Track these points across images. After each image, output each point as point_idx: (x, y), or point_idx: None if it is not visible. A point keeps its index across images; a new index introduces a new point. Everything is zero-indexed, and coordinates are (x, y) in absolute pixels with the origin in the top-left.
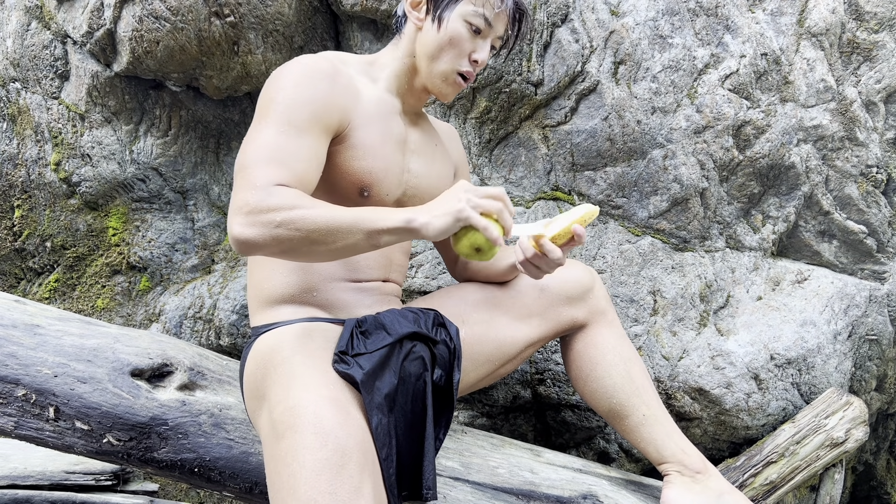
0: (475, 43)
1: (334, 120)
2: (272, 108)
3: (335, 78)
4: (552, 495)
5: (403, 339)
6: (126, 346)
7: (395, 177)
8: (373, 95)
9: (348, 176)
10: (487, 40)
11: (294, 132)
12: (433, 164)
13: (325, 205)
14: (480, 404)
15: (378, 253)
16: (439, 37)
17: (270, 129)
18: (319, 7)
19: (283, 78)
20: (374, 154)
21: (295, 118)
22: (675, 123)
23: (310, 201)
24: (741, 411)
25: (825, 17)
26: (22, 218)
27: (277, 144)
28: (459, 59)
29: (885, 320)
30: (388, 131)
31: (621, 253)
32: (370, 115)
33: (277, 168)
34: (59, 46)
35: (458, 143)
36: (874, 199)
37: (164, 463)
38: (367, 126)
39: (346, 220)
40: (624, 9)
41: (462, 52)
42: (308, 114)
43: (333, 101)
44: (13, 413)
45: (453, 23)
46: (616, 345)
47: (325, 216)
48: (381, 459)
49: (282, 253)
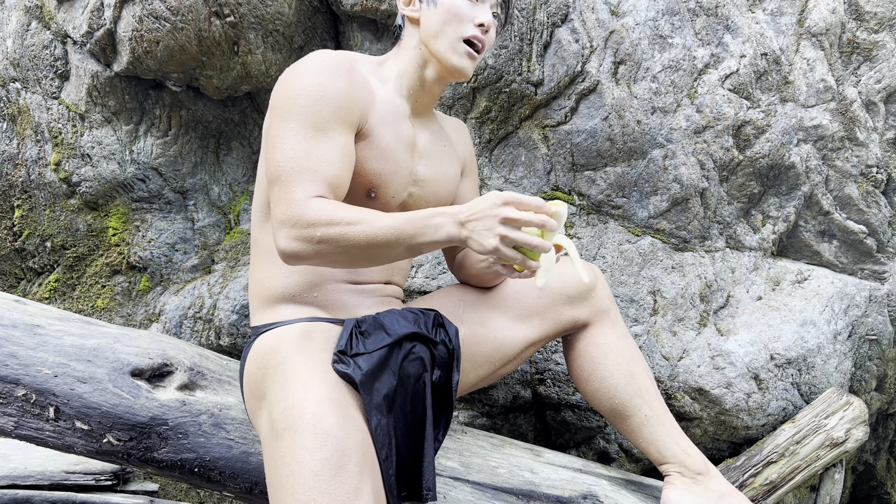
0: (475, 8)
1: (355, 116)
2: (295, 109)
3: (352, 75)
4: (552, 495)
5: (403, 340)
6: (126, 346)
7: (402, 180)
8: (385, 97)
9: (358, 177)
10: (486, 4)
11: (321, 135)
12: (440, 167)
13: (364, 218)
14: (480, 404)
15: None
16: (438, 13)
17: (297, 133)
18: (319, 7)
19: (303, 76)
20: (384, 157)
21: (320, 120)
22: (675, 123)
23: (348, 215)
24: (741, 411)
25: (825, 17)
26: (22, 218)
27: (306, 150)
28: (463, 26)
29: (885, 320)
30: (399, 134)
31: (621, 253)
32: (384, 116)
33: (311, 177)
34: (59, 46)
35: (466, 137)
36: (874, 199)
37: (164, 463)
38: (381, 127)
39: (385, 236)
40: (624, 9)
41: (464, 19)
42: (331, 112)
43: (353, 97)
44: (13, 413)
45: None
46: (619, 344)
47: (364, 233)
48: (381, 460)
49: (328, 264)
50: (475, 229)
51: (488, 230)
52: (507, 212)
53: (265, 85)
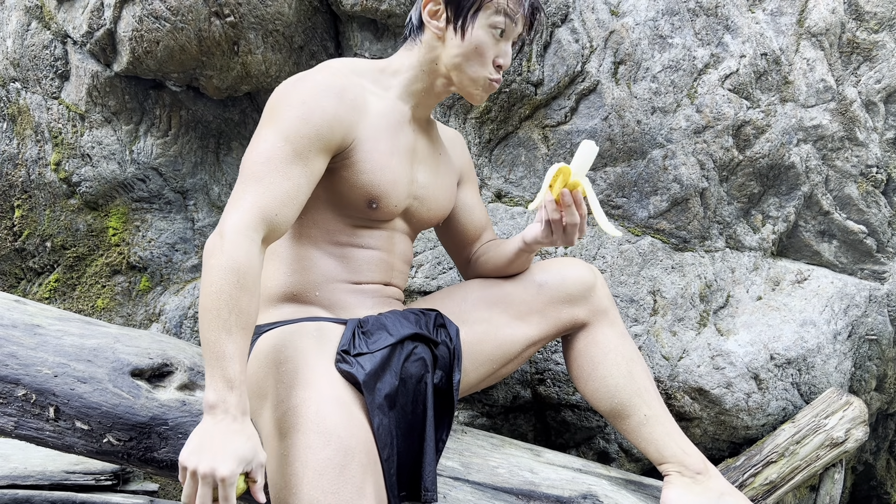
0: (499, 48)
1: (336, 138)
2: (276, 121)
3: (342, 95)
4: (552, 495)
5: (405, 340)
6: (126, 346)
7: (403, 188)
8: (383, 106)
9: (356, 189)
10: (510, 42)
11: (292, 149)
12: (438, 173)
13: (240, 311)
14: (480, 404)
15: (379, 258)
16: (464, 46)
17: (271, 140)
18: (319, 7)
19: (292, 94)
20: (382, 168)
21: (295, 136)
22: (675, 123)
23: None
24: (741, 411)
25: (825, 17)
26: (22, 218)
27: (273, 159)
28: (485, 67)
29: (885, 320)
30: (397, 143)
31: (621, 253)
32: (378, 128)
33: (264, 188)
34: (59, 46)
35: (463, 149)
36: (874, 199)
37: (165, 463)
38: (375, 139)
39: (211, 337)
40: (624, 9)
41: (487, 59)
42: (309, 133)
43: (337, 118)
44: (13, 413)
45: (477, 31)
46: (618, 344)
47: (213, 305)
48: (383, 460)
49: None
50: (221, 434)
51: (216, 452)
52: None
53: (265, 85)
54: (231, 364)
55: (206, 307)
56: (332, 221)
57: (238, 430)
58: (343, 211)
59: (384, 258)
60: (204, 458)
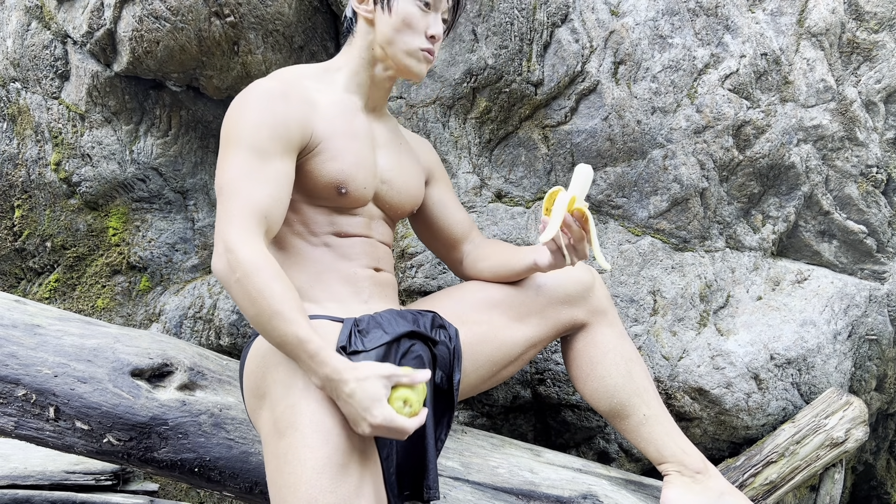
0: (427, 19)
1: (295, 136)
2: (235, 136)
3: (288, 96)
4: (552, 495)
5: (401, 338)
6: (126, 346)
7: (367, 170)
8: (331, 99)
9: (323, 178)
10: (438, 14)
11: (259, 156)
12: (401, 159)
13: (284, 299)
14: (480, 404)
15: (361, 243)
16: (392, 21)
17: (238, 156)
18: (319, 7)
19: (242, 107)
20: (342, 152)
21: (258, 143)
22: (675, 123)
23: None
24: (741, 411)
25: (825, 17)
26: (22, 218)
27: (245, 171)
28: (417, 38)
29: (885, 320)
30: (352, 129)
31: (621, 253)
32: (331, 118)
33: (246, 197)
34: (59, 46)
35: (430, 152)
36: (874, 199)
37: (164, 463)
38: (331, 129)
39: (280, 335)
40: (624, 9)
41: (417, 29)
42: (269, 137)
43: (290, 117)
44: (13, 413)
45: (403, 3)
46: (617, 344)
47: (262, 309)
48: (382, 459)
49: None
50: (359, 393)
51: (363, 412)
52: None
53: None
54: (308, 345)
55: (258, 315)
56: (312, 213)
57: (353, 388)
58: (319, 202)
59: (367, 242)
60: (361, 426)
